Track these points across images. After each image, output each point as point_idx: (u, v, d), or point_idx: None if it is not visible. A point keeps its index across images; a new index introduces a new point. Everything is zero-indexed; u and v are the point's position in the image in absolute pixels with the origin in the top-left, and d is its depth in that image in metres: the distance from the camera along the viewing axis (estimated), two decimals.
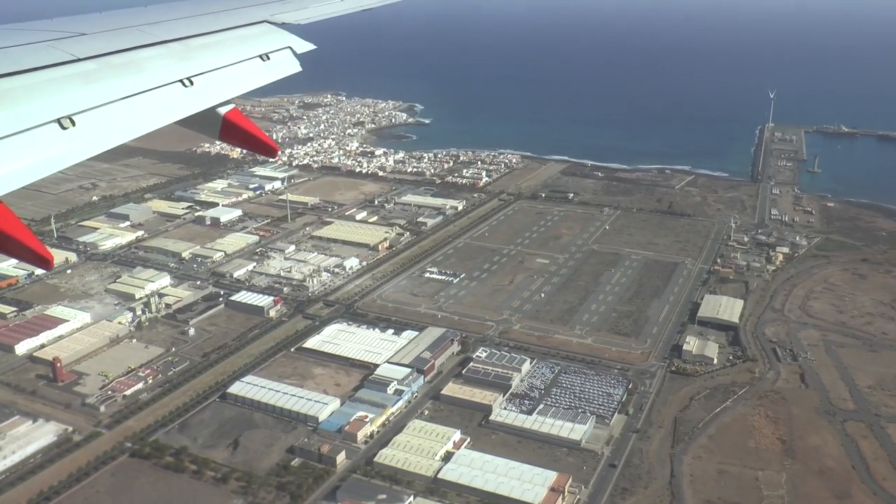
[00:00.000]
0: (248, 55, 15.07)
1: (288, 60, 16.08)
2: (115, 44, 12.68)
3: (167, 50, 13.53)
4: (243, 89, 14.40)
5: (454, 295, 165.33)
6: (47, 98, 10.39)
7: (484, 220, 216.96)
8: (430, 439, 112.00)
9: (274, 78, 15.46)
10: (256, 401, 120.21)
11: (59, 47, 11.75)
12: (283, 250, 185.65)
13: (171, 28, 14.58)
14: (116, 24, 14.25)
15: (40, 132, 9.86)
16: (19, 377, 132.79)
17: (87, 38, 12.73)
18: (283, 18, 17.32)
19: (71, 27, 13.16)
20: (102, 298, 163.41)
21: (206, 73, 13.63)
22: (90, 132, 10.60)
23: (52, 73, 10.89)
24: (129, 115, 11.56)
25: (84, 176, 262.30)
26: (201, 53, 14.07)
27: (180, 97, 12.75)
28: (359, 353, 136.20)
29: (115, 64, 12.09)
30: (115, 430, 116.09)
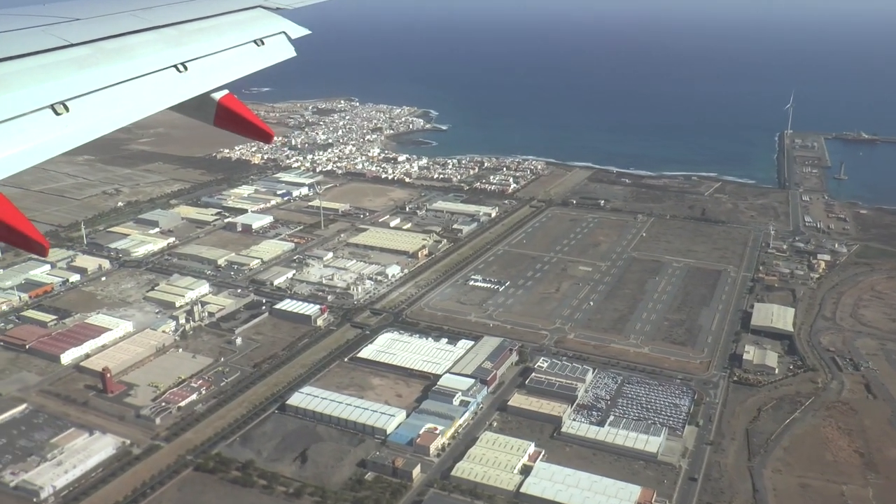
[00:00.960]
0: (242, 40, 14.81)
1: (282, 45, 15.80)
2: (108, 29, 12.48)
3: (161, 35, 13.33)
4: (238, 74, 14.10)
5: (502, 303, 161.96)
6: (41, 84, 10.20)
7: (519, 227, 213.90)
8: (505, 452, 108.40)
9: (268, 63, 15.14)
10: (319, 412, 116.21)
11: (53, 32, 11.58)
12: (321, 258, 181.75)
13: (165, 13, 14.33)
14: (110, 9, 13.96)
15: (34, 118, 9.63)
16: (68, 388, 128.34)
17: (80, 23, 12.53)
18: (277, 3, 17.00)
19: (64, 12, 12.95)
20: (142, 306, 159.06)
21: (201, 58, 13.39)
22: (84, 118, 10.39)
23: (45, 59, 10.70)
24: (124, 100, 11.35)
25: (106, 181, 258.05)
26: (195, 38, 13.84)
27: (174, 83, 12.51)
28: (417, 363, 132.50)
29: (109, 49, 11.91)
30: (174, 442, 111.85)
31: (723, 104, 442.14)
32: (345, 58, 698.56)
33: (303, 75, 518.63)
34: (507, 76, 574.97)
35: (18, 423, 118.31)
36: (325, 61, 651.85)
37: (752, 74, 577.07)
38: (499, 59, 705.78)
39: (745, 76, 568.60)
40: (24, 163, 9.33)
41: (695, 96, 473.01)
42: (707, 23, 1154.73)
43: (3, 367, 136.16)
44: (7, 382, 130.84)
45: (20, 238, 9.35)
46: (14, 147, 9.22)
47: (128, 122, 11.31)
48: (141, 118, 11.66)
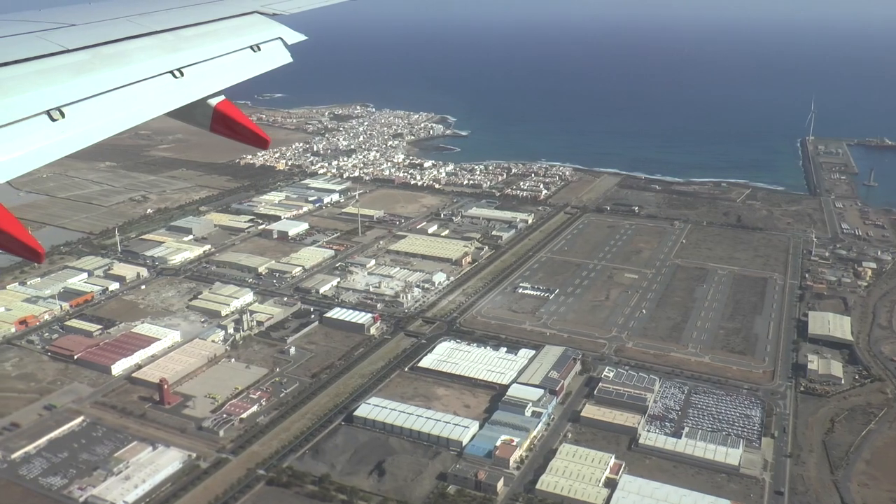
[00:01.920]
0: (238, 46, 14.68)
1: (278, 51, 15.67)
2: (105, 35, 12.36)
3: (157, 41, 13.22)
4: (234, 80, 13.95)
5: (554, 311, 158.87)
6: (37, 89, 10.11)
7: (557, 233, 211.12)
8: (586, 464, 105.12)
9: (265, 69, 15.03)
10: (389, 424, 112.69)
11: (49, 38, 11.52)
12: (364, 265, 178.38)
13: (162, 19, 14.19)
14: (106, 14, 13.86)
15: (30, 124, 9.53)
16: (122, 399, 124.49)
17: (76, 28, 12.46)
18: (273, 9, 16.89)
19: (61, 18, 12.88)
20: (186, 315, 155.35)
21: (197, 63, 13.25)
22: (80, 124, 10.30)
23: (41, 65, 10.63)
24: (120, 106, 11.24)
25: (132, 188, 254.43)
26: (191, 44, 13.72)
27: (171, 88, 12.38)
28: (480, 372, 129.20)
29: (106, 55, 11.83)
30: (241, 456, 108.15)
31: (741, 110, 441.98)
32: (352, 63, 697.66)
33: (314, 81, 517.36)
34: (520, 81, 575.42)
35: (77, 436, 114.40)
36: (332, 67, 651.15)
37: (769, 80, 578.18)
38: (509, 64, 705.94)
39: (762, 81, 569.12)
40: (20, 169, 9.13)
41: (711, 101, 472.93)
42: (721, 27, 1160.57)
43: (54, 378, 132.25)
44: (60, 394, 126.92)
45: (15, 244, 9.18)
46: (10, 153, 9.02)
47: (124, 127, 11.13)
48: (137, 124, 11.45)
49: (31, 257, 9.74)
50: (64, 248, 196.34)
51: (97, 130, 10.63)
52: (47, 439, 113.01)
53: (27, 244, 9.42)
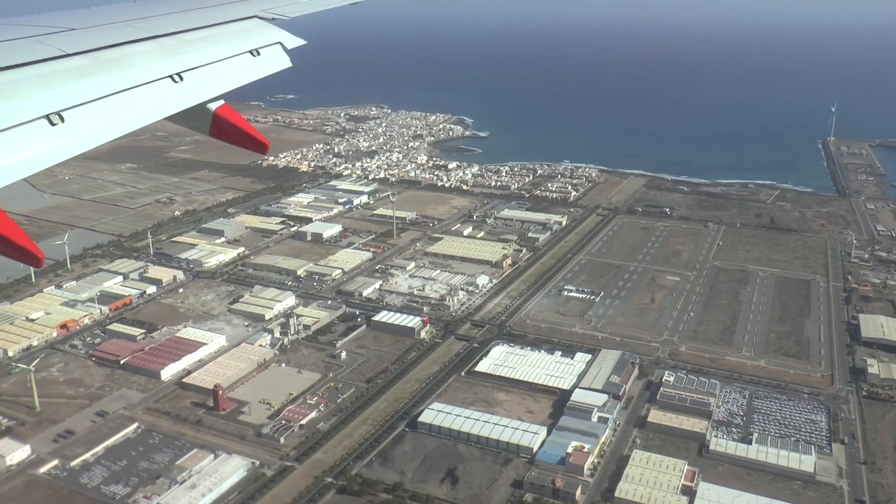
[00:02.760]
0: (238, 50, 14.63)
1: (278, 56, 15.61)
2: (104, 39, 12.32)
3: (157, 45, 13.20)
4: (233, 85, 13.83)
5: (603, 314, 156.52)
6: (36, 94, 10.07)
7: (592, 235, 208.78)
8: (661, 471, 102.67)
9: (264, 73, 14.90)
10: (456, 430, 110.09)
11: (49, 43, 11.47)
12: (404, 267, 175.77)
13: (161, 23, 14.15)
14: (106, 19, 13.83)
15: (29, 128, 9.49)
16: (174, 405, 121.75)
17: (76, 33, 12.43)
18: (273, 13, 16.85)
19: (60, 22, 12.80)
20: (229, 319, 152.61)
21: (197, 68, 13.19)
22: (80, 128, 10.18)
23: (41, 69, 10.56)
24: (120, 111, 11.15)
25: (157, 190, 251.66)
26: (191, 49, 13.63)
27: (170, 93, 12.30)
28: (539, 376, 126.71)
29: (105, 59, 11.78)
30: (306, 463, 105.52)
31: (758, 112, 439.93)
32: (360, 64, 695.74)
33: (324, 82, 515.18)
34: (532, 83, 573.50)
35: (134, 443, 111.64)
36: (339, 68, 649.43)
37: (785, 82, 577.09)
38: (518, 66, 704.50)
39: (779, 83, 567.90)
40: (19, 173, 9.08)
41: (727, 103, 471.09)
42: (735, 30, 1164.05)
43: (102, 384, 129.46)
44: (110, 400, 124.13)
45: (14, 249, 9.17)
46: (9, 158, 9.00)
47: (123, 132, 11.05)
48: (137, 128, 11.37)
49: (29, 262, 9.49)
50: (95, 251, 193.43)
51: (97, 135, 10.54)
52: (104, 447, 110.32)
53: (26, 248, 9.28)
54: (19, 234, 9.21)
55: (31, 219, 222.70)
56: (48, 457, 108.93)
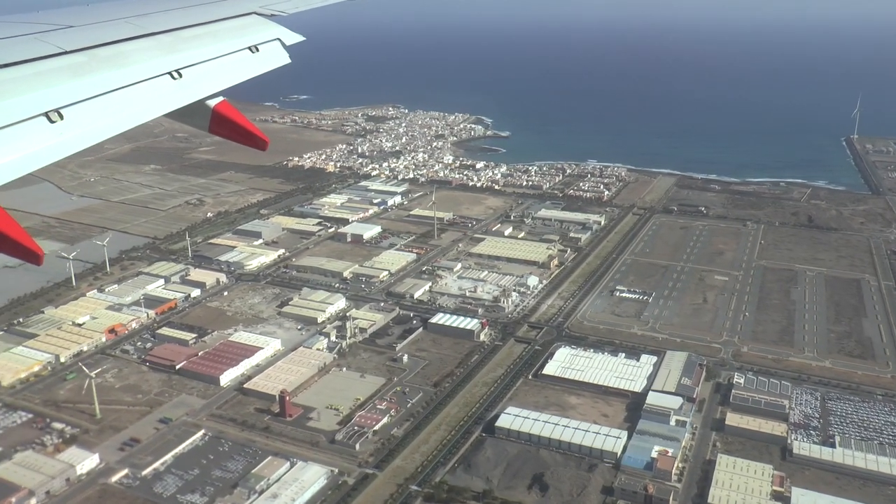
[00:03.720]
0: (236, 47, 14.51)
1: (277, 52, 15.43)
2: (103, 36, 12.26)
3: (155, 42, 13.13)
4: (232, 81, 13.73)
5: (658, 315, 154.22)
6: (35, 91, 10.03)
7: (632, 235, 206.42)
8: (749, 476, 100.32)
9: (263, 70, 14.73)
10: (536, 435, 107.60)
11: (47, 40, 11.45)
12: (451, 269, 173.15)
13: (160, 20, 14.03)
14: (104, 16, 13.77)
15: (28, 126, 9.48)
16: (238, 411, 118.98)
17: (74, 30, 12.40)
18: (271, 9, 16.78)
19: (58, 20, 12.78)
20: (280, 322, 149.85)
21: (195, 65, 13.12)
22: (79, 126, 10.17)
23: (39, 67, 10.55)
24: (118, 108, 11.09)
25: (184, 191, 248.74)
26: (190, 45, 13.56)
27: (169, 90, 12.29)
28: (609, 379, 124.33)
29: (104, 56, 11.73)
30: (386, 470, 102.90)
31: (780, 110, 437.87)
32: (370, 64, 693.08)
33: (334, 82, 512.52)
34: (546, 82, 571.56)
35: (203, 451, 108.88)
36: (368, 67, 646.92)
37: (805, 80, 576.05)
38: (530, 65, 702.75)
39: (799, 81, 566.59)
40: (18, 171, 9.07)
41: (747, 102, 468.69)
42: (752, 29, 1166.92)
43: (160, 390, 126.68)
44: (171, 407, 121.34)
45: (15, 246, 9.12)
46: (8, 155, 8.99)
47: (122, 129, 10.96)
48: (135, 126, 11.28)
49: (30, 260, 9.43)
50: (132, 254, 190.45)
51: (96, 132, 10.48)
52: (173, 455, 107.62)
53: (27, 246, 9.22)
54: (20, 232, 9.09)
55: (63, 221, 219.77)
56: (117, 465, 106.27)
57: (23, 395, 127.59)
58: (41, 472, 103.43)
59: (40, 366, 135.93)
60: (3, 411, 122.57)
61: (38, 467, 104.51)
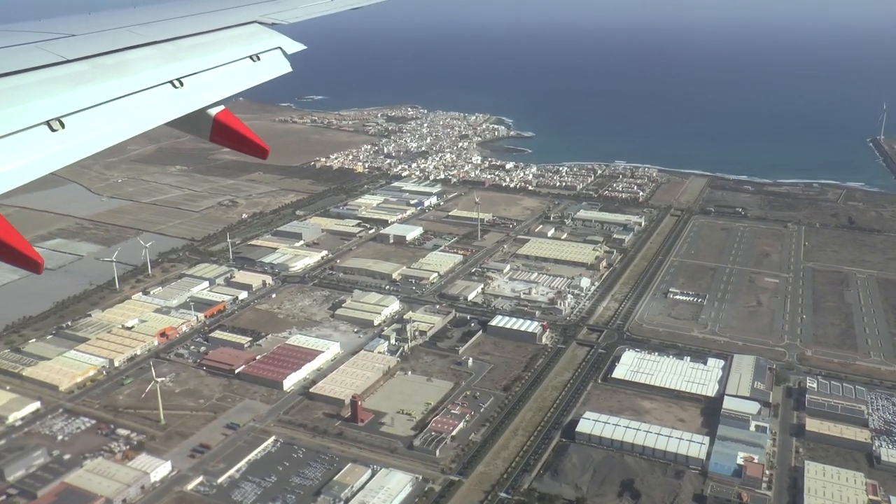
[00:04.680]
0: (238, 56, 14.53)
1: (278, 61, 15.42)
2: (104, 45, 12.29)
3: (157, 51, 13.16)
4: (234, 90, 13.71)
5: (715, 318, 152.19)
6: (36, 100, 10.01)
7: (674, 236, 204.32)
8: (841, 485, 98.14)
9: (264, 79, 14.77)
10: (618, 440, 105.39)
11: (49, 49, 11.48)
12: (500, 270, 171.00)
13: (161, 29, 14.10)
14: (106, 24, 13.79)
15: (29, 134, 9.49)
16: (306, 416, 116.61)
17: (76, 39, 12.42)
18: (273, 19, 16.73)
19: (60, 28, 12.81)
20: (335, 325, 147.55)
21: (197, 73, 13.15)
22: (80, 134, 10.18)
23: (41, 75, 10.59)
24: (120, 116, 11.08)
25: (216, 192, 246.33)
26: (191, 54, 13.60)
27: (171, 98, 12.30)
28: (680, 383, 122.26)
29: (105, 65, 11.75)
30: (471, 477, 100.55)
31: (804, 111, 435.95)
32: (384, 65, 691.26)
33: (351, 84, 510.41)
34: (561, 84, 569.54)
35: (277, 457, 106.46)
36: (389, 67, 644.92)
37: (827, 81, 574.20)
38: (543, 66, 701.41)
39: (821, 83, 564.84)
40: (20, 179, 9.05)
41: (769, 104, 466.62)
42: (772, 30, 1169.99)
43: (221, 395, 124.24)
44: (236, 412, 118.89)
45: (14, 255, 9.09)
46: (9, 164, 8.98)
47: (123, 138, 10.94)
48: (137, 134, 11.25)
49: (30, 268, 9.31)
50: (171, 255, 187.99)
51: (97, 140, 10.38)
52: (247, 461, 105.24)
53: (27, 255, 9.14)
54: (20, 240, 9.06)
55: (96, 223, 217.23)
56: (190, 473, 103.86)
57: (82, 400, 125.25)
58: (115, 479, 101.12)
59: (95, 370, 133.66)
60: (65, 417, 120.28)
61: (112, 475, 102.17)
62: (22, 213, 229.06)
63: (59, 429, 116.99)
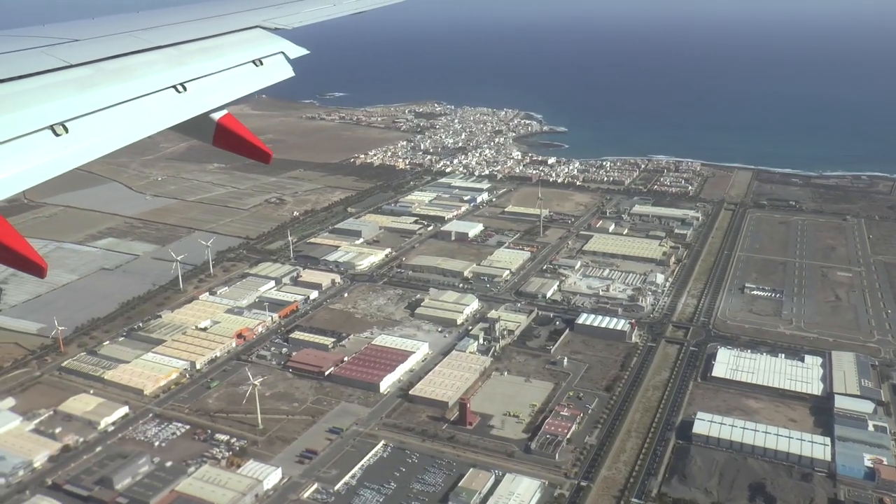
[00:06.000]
0: (241, 60, 14.59)
1: (280, 65, 15.45)
2: (108, 49, 12.34)
3: (160, 55, 13.18)
4: (236, 95, 13.69)
5: (798, 314, 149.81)
6: (40, 105, 10.06)
7: (734, 231, 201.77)
8: None
9: (267, 83, 14.79)
10: (738, 441, 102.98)
11: (52, 53, 11.52)
12: (572, 267, 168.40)
13: (165, 34, 14.09)
14: (110, 29, 13.80)
15: (33, 139, 9.52)
16: (411, 420, 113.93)
17: (80, 43, 12.49)
18: (275, 23, 16.82)
19: (64, 33, 12.85)
20: (418, 325, 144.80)
21: (200, 78, 13.16)
22: (84, 139, 10.16)
23: (44, 80, 10.61)
24: (123, 121, 11.08)
25: (260, 190, 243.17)
26: (194, 59, 13.64)
27: (174, 103, 12.30)
28: (783, 381, 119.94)
29: (109, 70, 11.80)
30: (597, 482, 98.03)
31: (835, 104, 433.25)
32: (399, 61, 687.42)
33: (369, 80, 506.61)
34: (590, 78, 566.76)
35: (390, 463, 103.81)
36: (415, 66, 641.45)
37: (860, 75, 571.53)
38: (561, 61, 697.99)
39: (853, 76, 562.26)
40: (23, 184, 9.08)
41: (798, 97, 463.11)
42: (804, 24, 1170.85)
43: (315, 398, 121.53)
44: (334, 415, 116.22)
45: (18, 259, 9.10)
46: (12, 168, 9.02)
47: (127, 142, 10.90)
48: (140, 139, 11.24)
49: (34, 272, 9.26)
50: (229, 254, 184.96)
51: (100, 145, 10.37)
52: (360, 468, 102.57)
53: (30, 259, 9.09)
54: (23, 245, 9.06)
55: (146, 221, 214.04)
56: (302, 479, 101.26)
57: (169, 404, 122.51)
58: (227, 487, 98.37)
59: (177, 373, 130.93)
60: (157, 422, 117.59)
61: (223, 482, 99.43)
62: (67, 213, 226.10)
63: (154, 434, 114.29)
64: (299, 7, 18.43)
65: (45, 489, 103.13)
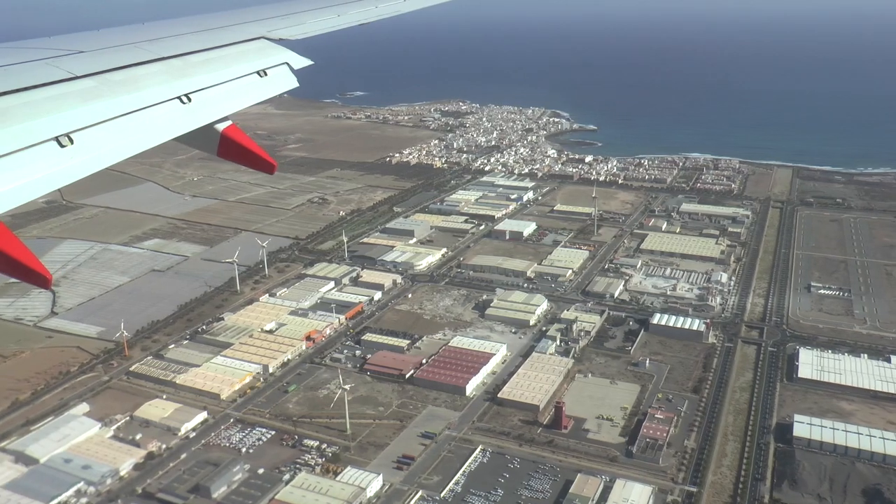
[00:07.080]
0: (245, 71, 14.61)
1: (285, 76, 15.48)
2: (113, 61, 12.44)
3: (165, 67, 13.24)
4: (241, 105, 13.81)
5: (872, 313, 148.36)
6: (45, 116, 10.10)
7: (785, 229, 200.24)
8: None
9: (271, 94, 14.87)
10: (841, 445, 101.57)
11: (58, 65, 11.60)
12: (633, 266, 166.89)
13: (169, 45, 14.17)
14: (114, 41, 13.91)
15: (39, 150, 9.57)
16: (503, 423, 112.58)
17: (85, 55, 12.62)
18: (279, 34, 16.86)
19: (69, 45, 12.98)
20: (490, 326, 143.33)
21: (204, 89, 13.19)
22: (89, 150, 10.24)
23: (50, 91, 10.67)
24: (128, 132, 11.18)
25: (301, 190, 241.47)
26: (199, 70, 13.69)
27: (178, 114, 12.36)
28: (874, 383, 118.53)
29: (114, 81, 11.86)
30: (707, 487, 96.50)
31: (862, 102, 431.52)
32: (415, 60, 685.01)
33: (387, 78, 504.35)
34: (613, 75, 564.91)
35: (492, 468, 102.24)
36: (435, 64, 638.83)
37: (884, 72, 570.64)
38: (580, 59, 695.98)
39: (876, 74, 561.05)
40: (28, 195, 9.13)
41: (833, 94, 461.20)
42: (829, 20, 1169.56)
43: (400, 401, 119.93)
44: (423, 419, 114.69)
45: (22, 270, 8.98)
46: (18, 179, 9.08)
47: (132, 153, 10.99)
48: (145, 150, 11.37)
49: (38, 283, 9.27)
50: (281, 255, 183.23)
51: (105, 156, 10.45)
52: (463, 474, 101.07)
53: (34, 269, 8.95)
54: (28, 256, 8.96)
55: (189, 222, 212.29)
56: (403, 486, 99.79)
57: (248, 409, 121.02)
58: (329, 495, 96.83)
59: (251, 377, 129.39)
60: (240, 427, 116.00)
61: (324, 490, 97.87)
62: (107, 214, 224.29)
63: (240, 440, 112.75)
64: (303, 18, 18.43)
65: (136, 498, 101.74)
